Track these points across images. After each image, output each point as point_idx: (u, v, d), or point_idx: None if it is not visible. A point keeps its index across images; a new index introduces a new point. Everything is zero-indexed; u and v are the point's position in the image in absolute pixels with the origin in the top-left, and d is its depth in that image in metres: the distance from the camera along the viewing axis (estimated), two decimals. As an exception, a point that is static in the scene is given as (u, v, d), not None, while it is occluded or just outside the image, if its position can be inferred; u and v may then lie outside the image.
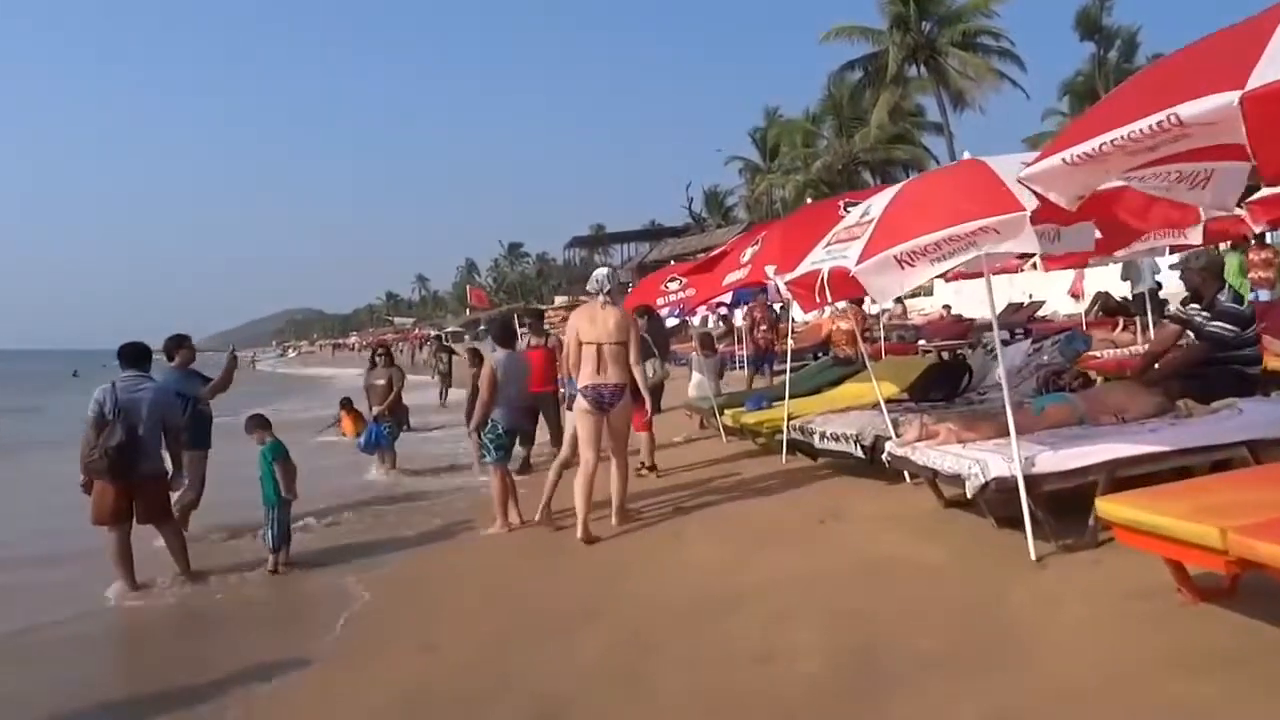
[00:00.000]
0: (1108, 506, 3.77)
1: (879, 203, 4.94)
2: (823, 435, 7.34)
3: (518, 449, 10.17)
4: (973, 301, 24.91)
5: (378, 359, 11.08)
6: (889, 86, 41.98)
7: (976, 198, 4.20)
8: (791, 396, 9.48)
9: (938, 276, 6.07)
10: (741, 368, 19.74)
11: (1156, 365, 6.12)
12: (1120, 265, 18.62)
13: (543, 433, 10.33)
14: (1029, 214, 3.92)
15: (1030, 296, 22.67)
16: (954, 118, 41.54)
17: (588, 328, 6.57)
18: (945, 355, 16.83)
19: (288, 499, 6.74)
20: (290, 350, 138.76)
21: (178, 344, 8.07)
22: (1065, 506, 4.79)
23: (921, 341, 17.15)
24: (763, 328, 14.22)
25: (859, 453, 6.84)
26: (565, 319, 14.66)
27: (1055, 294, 22.31)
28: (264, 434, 6.99)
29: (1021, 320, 20.44)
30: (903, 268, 4.23)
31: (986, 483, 4.69)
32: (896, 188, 5.07)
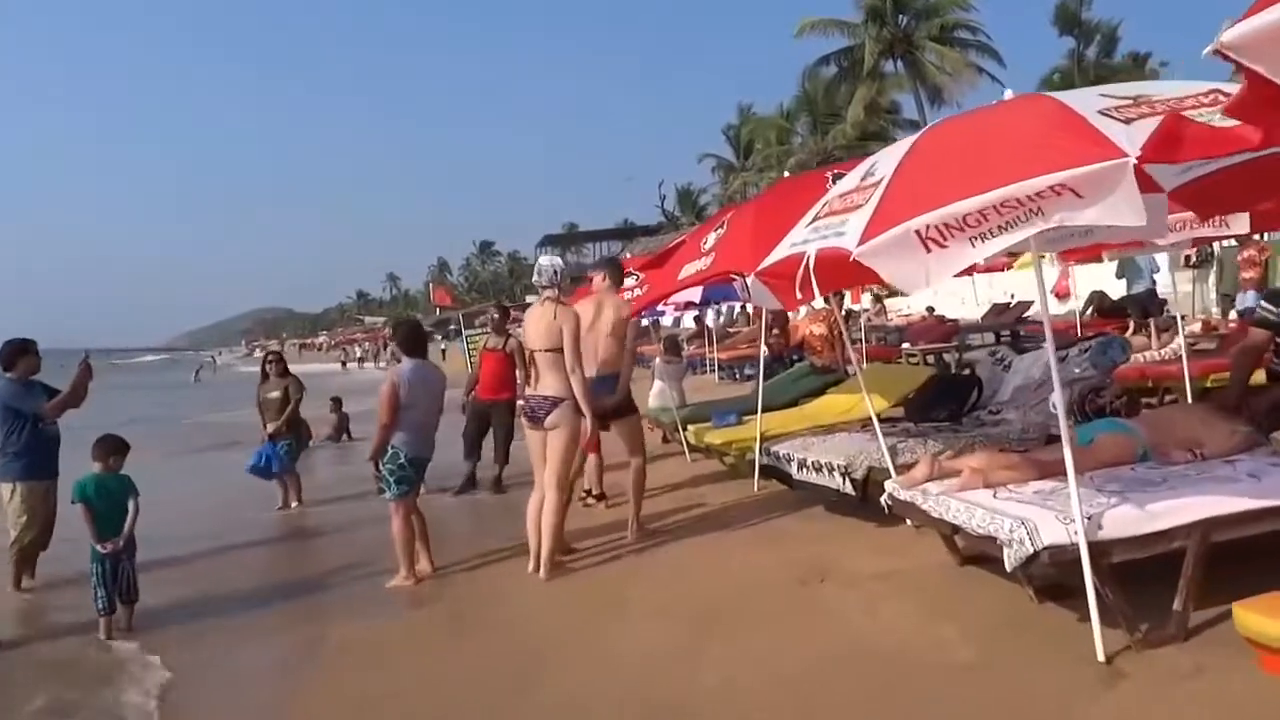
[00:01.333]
0: (1259, 623, 2.42)
1: (889, 159, 3.52)
2: (802, 464, 5.98)
3: (462, 464, 8.80)
4: (952, 301, 23.66)
5: (268, 368, 9.10)
6: (865, 81, 41.00)
7: (1049, 141, 2.78)
8: (765, 410, 8.16)
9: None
10: (711, 372, 18.39)
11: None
12: (1115, 263, 17.51)
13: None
14: (1132, 163, 2.56)
15: (1013, 297, 21.35)
16: (931, 114, 40.48)
17: (527, 331, 5.74)
18: (930, 359, 15.62)
19: (100, 551, 5.29)
20: (257, 350, 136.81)
21: (19, 350, 6.53)
22: (1127, 571, 3.47)
23: (905, 345, 15.82)
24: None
25: (848, 489, 5.50)
26: (512, 319, 13.25)
27: (1037, 294, 20.88)
28: (114, 461, 5.56)
29: (1009, 322, 19.17)
30: (928, 248, 2.83)
31: (1036, 553, 3.34)
32: (913, 137, 3.65)
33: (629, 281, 8.75)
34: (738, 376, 17.90)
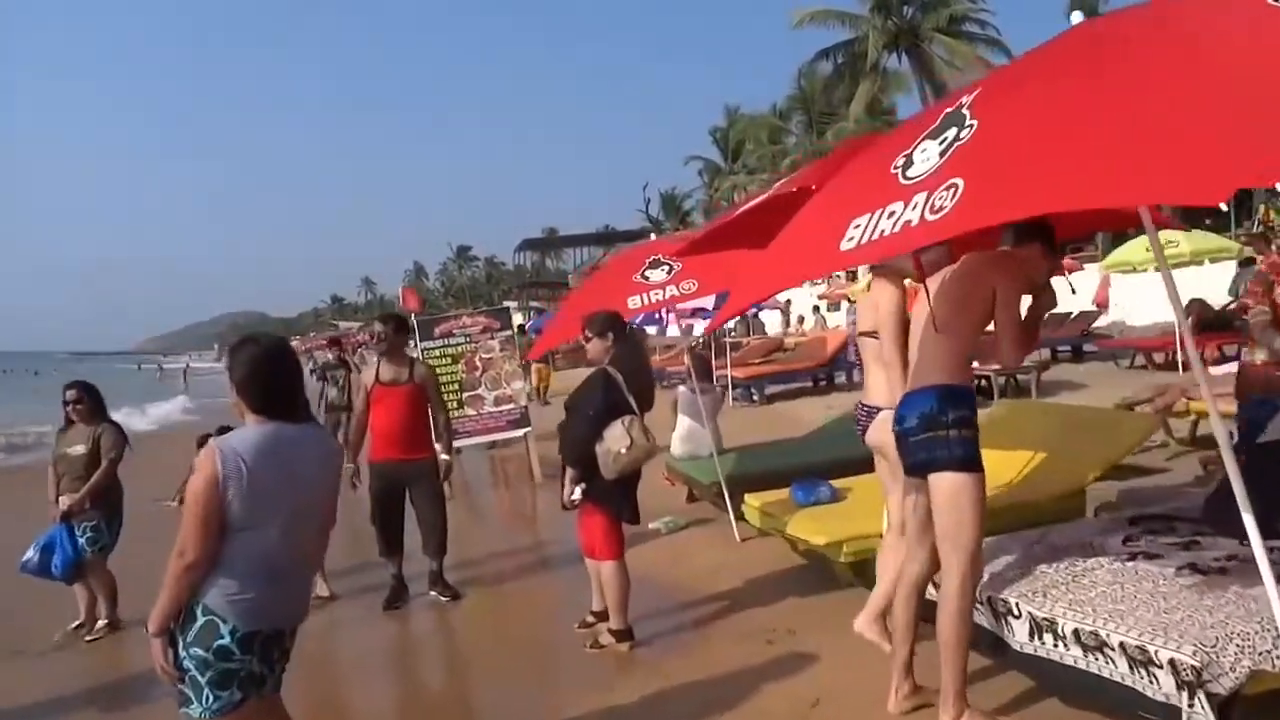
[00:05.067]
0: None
1: None
2: (1045, 628, 2.99)
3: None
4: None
5: (72, 413, 5.50)
6: (869, 75, 38.63)
7: None
8: (836, 470, 5.37)
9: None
10: (737, 394, 15.09)
11: None
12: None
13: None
14: None
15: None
16: (935, 111, 38.02)
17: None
18: (1004, 381, 12.68)
19: None
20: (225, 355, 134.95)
21: None
22: None
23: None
24: None
25: (1198, 713, 2.51)
26: (485, 328, 10.20)
27: (1073, 303, 17.58)
28: None
29: (1074, 334, 16.36)
30: None
31: None
32: None
33: (657, 275, 5.76)
34: (755, 398, 14.94)
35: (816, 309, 25.30)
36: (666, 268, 5.66)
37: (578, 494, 4.34)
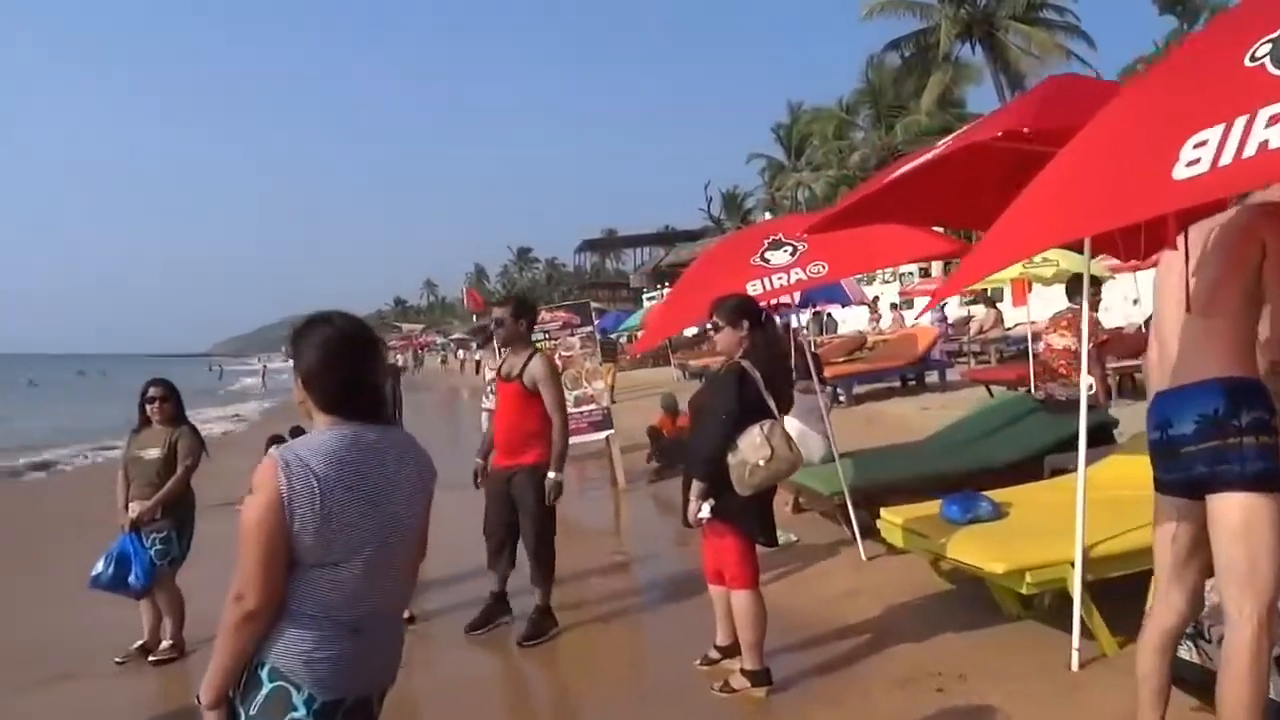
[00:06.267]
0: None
1: None
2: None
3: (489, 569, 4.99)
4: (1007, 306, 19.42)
5: (151, 411, 5.00)
6: (940, 66, 37.46)
7: None
8: (960, 470, 4.71)
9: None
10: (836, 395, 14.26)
11: None
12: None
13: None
14: None
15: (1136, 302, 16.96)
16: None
17: None
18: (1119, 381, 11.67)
19: None
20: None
21: None
22: None
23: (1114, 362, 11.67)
24: None
25: None
26: (565, 324, 9.61)
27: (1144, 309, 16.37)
28: None
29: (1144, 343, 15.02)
30: None
31: None
32: None
33: (779, 257, 5.04)
34: (842, 398, 14.09)
35: (895, 305, 24.28)
36: (790, 248, 4.95)
37: (705, 511, 3.64)
